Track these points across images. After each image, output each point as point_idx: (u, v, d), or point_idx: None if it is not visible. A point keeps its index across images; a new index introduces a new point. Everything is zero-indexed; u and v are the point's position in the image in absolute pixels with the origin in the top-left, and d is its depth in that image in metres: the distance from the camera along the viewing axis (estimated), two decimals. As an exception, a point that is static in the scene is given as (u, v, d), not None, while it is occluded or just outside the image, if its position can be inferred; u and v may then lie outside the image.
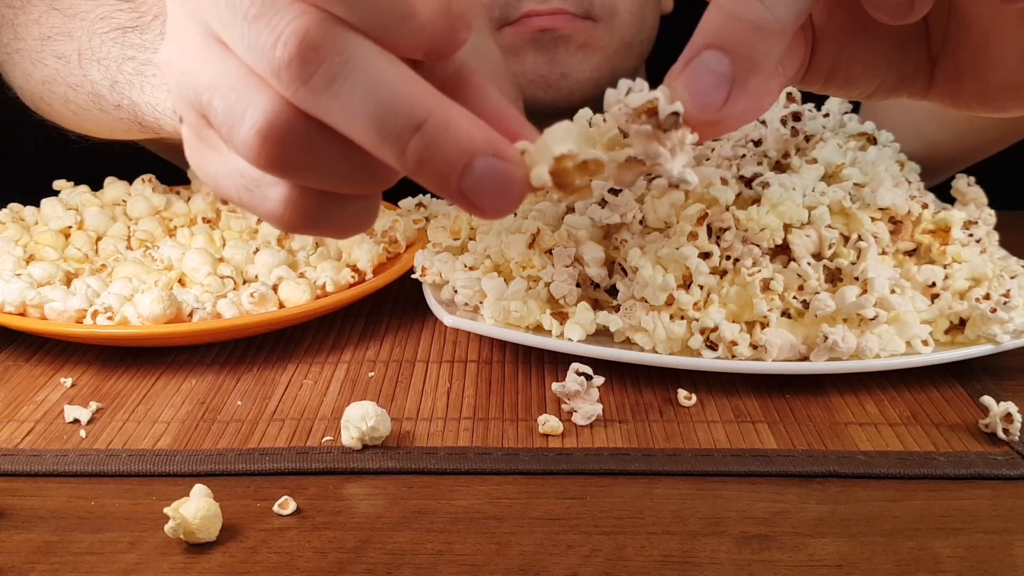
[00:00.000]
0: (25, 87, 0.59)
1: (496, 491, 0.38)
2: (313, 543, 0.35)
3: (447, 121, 0.25)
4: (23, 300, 0.48)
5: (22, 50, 0.57)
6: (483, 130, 0.25)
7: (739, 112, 0.27)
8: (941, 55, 0.32)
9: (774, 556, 0.34)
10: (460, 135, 0.25)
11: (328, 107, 0.25)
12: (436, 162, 0.25)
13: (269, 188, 0.28)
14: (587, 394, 0.42)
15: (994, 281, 0.46)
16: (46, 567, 0.33)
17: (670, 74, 0.27)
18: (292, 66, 0.25)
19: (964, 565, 0.33)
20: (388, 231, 0.56)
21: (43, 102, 0.58)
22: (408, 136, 0.24)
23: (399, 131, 0.24)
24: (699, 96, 0.26)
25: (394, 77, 0.25)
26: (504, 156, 0.25)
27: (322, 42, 0.24)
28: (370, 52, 0.25)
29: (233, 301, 0.49)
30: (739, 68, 0.26)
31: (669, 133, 0.26)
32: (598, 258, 0.46)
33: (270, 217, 0.29)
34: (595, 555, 0.34)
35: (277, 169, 0.27)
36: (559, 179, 0.25)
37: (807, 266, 0.45)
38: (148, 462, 0.39)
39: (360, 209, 0.29)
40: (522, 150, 0.26)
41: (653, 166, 0.26)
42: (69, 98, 0.55)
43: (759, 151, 0.48)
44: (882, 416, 0.43)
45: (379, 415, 0.40)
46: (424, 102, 0.25)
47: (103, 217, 0.57)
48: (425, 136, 0.24)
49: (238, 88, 0.26)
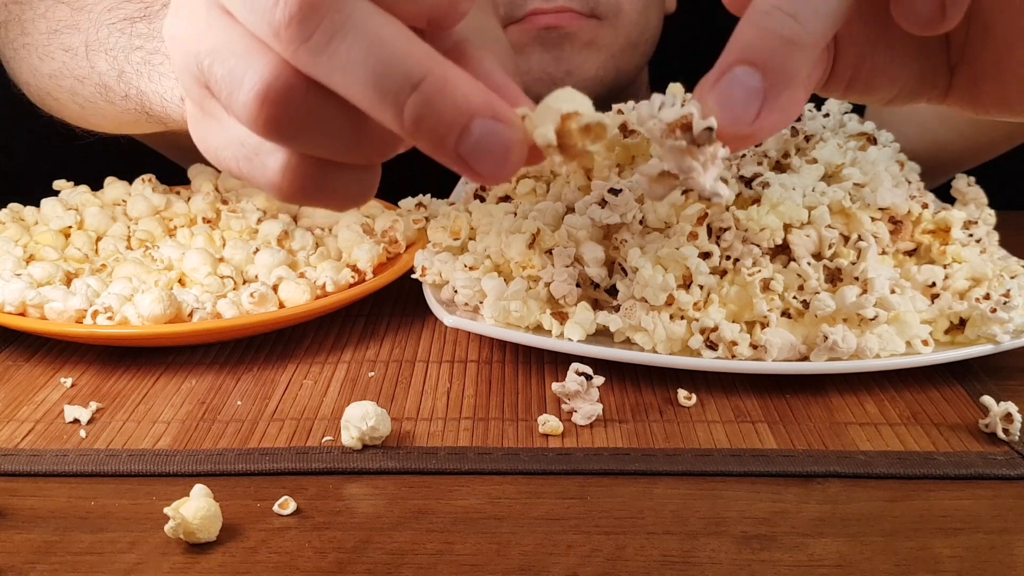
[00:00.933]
0: (32, 82, 0.59)
1: (496, 491, 0.38)
2: (313, 543, 0.35)
3: (445, 80, 0.24)
4: (23, 300, 0.48)
5: (29, 45, 0.57)
6: (482, 92, 0.25)
7: (770, 125, 0.27)
8: (960, 61, 0.32)
9: (774, 556, 0.34)
10: (458, 96, 0.24)
11: (327, 66, 0.25)
12: (433, 123, 0.24)
13: (268, 156, 0.28)
14: (587, 394, 0.42)
15: (994, 281, 0.46)
16: (46, 567, 0.33)
17: (700, 87, 0.27)
18: (292, 24, 0.25)
19: (964, 565, 0.33)
20: (388, 231, 0.56)
21: (50, 96, 0.58)
22: (406, 95, 0.24)
23: (397, 90, 0.24)
24: (731, 111, 0.26)
25: (393, 36, 0.25)
26: (503, 119, 0.25)
27: (322, 1, 0.25)
28: (370, 11, 0.25)
29: (233, 301, 0.49)
30: (771, 82, 0.26)
31: (702, 148, 0.26)
32: (598, 258, 0.46)
33: (269, 186, 0.29)
34: (595, 555, 0.34)
35: (276, 133, 0.27)
36: (563, 141, 0.25)
37: (807, 266, 0.45)
38: (148, 462, 0.39)
39: (358, 179, 0.29)
40: (522, 115, 0.25)
41: (686, 180, 0.26)
42: (76, 91, 0.55)
43: (759, 151, 0.48)
44: (882, 416, 0.43)
45: (379, 415, 0.40)
46: (423, 61, 0.25)
47: (103, 217, 0.57)
48: (423, 95, 0.24)
49: (238, 52, 0.27)
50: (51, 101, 0.59)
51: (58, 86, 0.56)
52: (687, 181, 0.26)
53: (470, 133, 0.25)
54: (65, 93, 0.56)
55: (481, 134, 0.25)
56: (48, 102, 0.59)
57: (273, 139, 0.27)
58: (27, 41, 0.58)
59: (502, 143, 0.25)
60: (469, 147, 0.25)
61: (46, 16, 0.56)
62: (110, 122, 0.56)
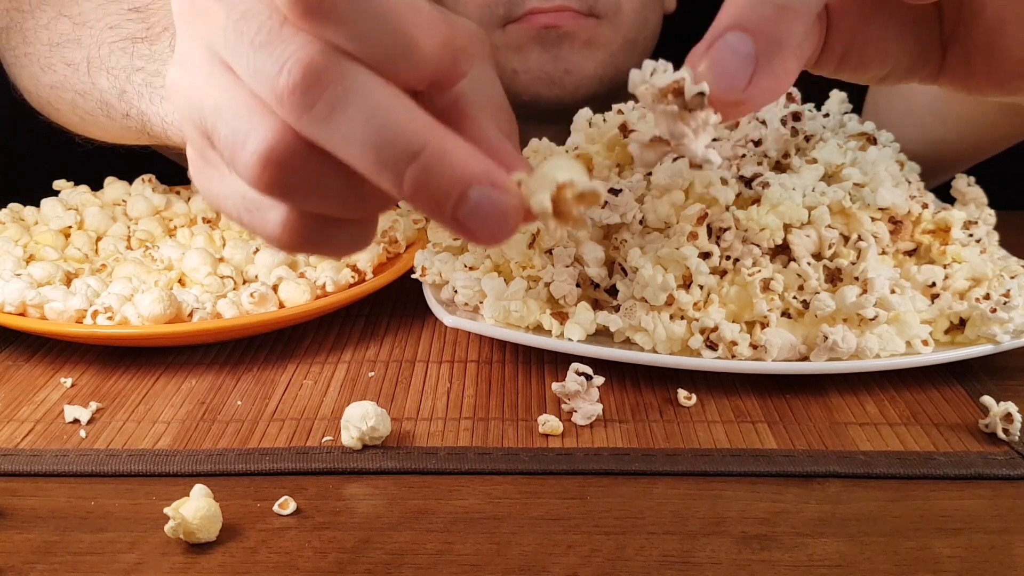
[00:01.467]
0: (33, 91, 0.59)
1: (496, 491, 0.38)
2: (313, 543, 0.35)
3: (444, 151, 0.25)
4: (23, 300, 0.48)
5: (31, 54, 0.57)
6: (479, 160, 0.25)
7: (762, 92, 0.27)
8: (953, 38, 0.33)
9: (774, 556, 0.34)
10: (456, 165, 0.25)
11: (329, 134, 0.25)
12: (432, 190, 0.25)
13: (269, 211, 0.29)
14: (587, 394, 0.42)
15: (994, 281, 0.46)
16: (46, 567, 0.33)
17: (692, 55, 0.27)
18: (295, 93, 0.25)
19: (964, 565, 0.33)
20: (388, 231, 0.56)
21: (51, 106, 0.59)
22: (405, 164, 0.25)
23: (397, 159, 0.25)
24: (723, 77, 0.27)
25: (393, 107, 0.25)
26: (500, 186, 0.25)
27: (325, 71, 0.25)
28: (371, 82, 0.25)
29: (233, 301, 0.49)
30: (763, 49, 0.27)
31: (694, 113, 0.26)
32: (598, 258, 0.46)
33: (269, 238, 0.29)
34: (595, 555, 0.34)
35: (277, 192, 0.27)
36: (557, 208, 0.26)
37: (807, 266, 0.45)
38: (148, 462, 0.39)
39: (357, 232, 0.30)
40: (518, 181, 0.26)
41: (677, 146, 0.27)
42: (77, 104, 0.55)
43: (759, 151, 0.48)
44: (882, 416, 0.43)
45: (379, 415, 0.40)
46: (421, 132, 0.25)
47: (103, 217, 0.57)
48: (421, 164, 0.25)
49: (242, 113, 0.27)
50: (52, 111, 0.59)
51: (59, 97, 0.56)
52: (678, 147, 0.27)
53: (467, 200, 0.25)
54: (66, 104, 0.56)
55: (478, 201, 0.25)
56: (50, 111, 0.60)
57: (274, 197, 0.28)
58: (29, 51, 0.58)
59: (498, 209, 0.25)
60: (466, 213, 0.25)
61: (48, 28, 0.56)
62: (111, 136, 0.57)
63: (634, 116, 0.51)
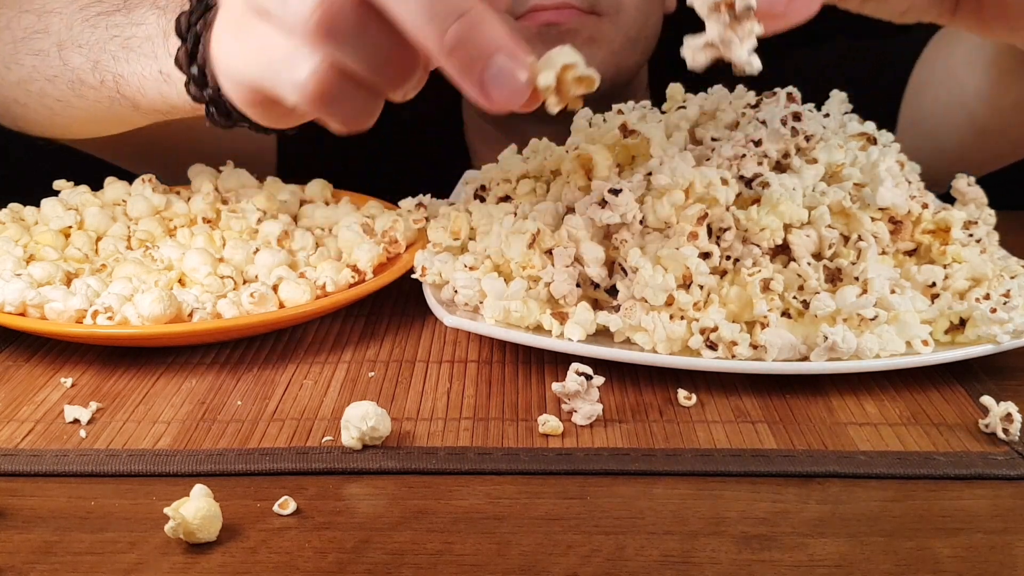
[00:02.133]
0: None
1: (496, 491, 0.38)
2: (313, 543, 0.35)
3: (484, 17, 0.30)
4: (23, 300, 0.48)
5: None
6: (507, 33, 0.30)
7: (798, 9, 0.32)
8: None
9: (774, 556, 0.34)
10: (491, 31, 0.30)
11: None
12: (468, 49, 0.30)
13: (302, 61, 0.32)
14: (587, 394, 0.42)
15: (994, 281, 0.46)
16: (46, 567, 0.33)
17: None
18: None
19: (964, 565, 0.33)
20: (388, 231, 0.56)
21: (16, 104, 0.60)
22: (451, 21, 0.30)
23: (445, 15, 0.30)
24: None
25: None
26: (518, 59, 0.30)
27: None
28: None
29: (233, 301, 0.49)
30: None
31: (742, 24, 0.32)
32: (598, 258, 0.46)
33: (294, 87, 0.33)
34: (595, 555, 0.34)
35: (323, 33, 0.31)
36: (559, 86, 0.32)
37: (807, 266, 0.45)
38: (148, 462, 0.39)
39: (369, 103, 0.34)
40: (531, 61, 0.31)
41: (726, 51, 0.32)
42: (46, 92, 0.56)
43: (759, 151, 0.48)
44: (882, 416, 0.43)
45: (379, 415, 0.40)
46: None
47: (103, 217, 0.57)
48: (465, 23, 0.30)
49: None
50: (17, 108, 0.60)
51: (26, 91, 0.58)
52: (726, 52, 0.32)
53: (493, 64, 0.30)
54: (33, 97, 0.58)
55: (501, 67, 0.30)
56: (13, 109, 0.61)
57: (317, 41, 0.32)
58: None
59: (516, 79, 0.30)
60: (491, 75, 0.30)
61: (10, 27, 0.57)
62: (80, 118, 0.58)
63: (634, 116, 0.51)
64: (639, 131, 0.49)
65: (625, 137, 0.49)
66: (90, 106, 0.55)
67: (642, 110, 0.53)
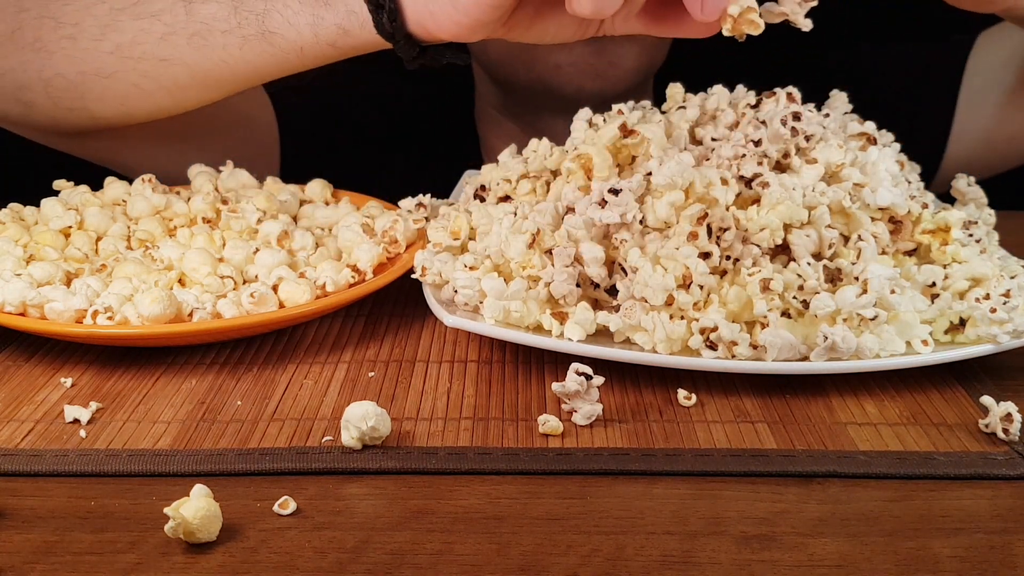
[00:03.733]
0: (69, 73, 0.59)
1: (496, 491, 0.38)
2: (313, 543, 0.35)
3: None
4: (23, 300, 0.48)
5: (75, 35, 0.58)
6: None
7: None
8: None
9: (774, 556, 0.34)
10: None
11: None
12: None
13: None
14: (587, 394, 0.42)
15: (994, 281, 0.46)
16: (46, 567, 0.33)
17: None
18: None
19: (964, 565, 0.33)
20: (388, 231, 0.56)
21: (98, 77, 0.59)
22: None
23: None
24: None
25: None
26: None
27: None
28: None
29: (233, 301, 0.49)
30: None
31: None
32: (598, 258, 0.46)
33: None
34: (595, 555, 0.34)
35: None
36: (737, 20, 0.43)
37: (807, 266, 0.45)
38: (148, 462, 0.39)
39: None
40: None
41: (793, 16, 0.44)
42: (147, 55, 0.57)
43: (759, 151, 0.48)
44: (882, 416, 0.43)
45: (379, 415, 0.40)
46: None
47: (103, 217, 0.57)
48: None
49: None
50: (97, 84, 0.59)
51: (121, 58, 0.58)
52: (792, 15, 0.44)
53: None
54: (128, 63, 0.58)
55: None
56: (92, 84, 0.60)
57: None
58: (71, 32, 0.58)
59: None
60: None
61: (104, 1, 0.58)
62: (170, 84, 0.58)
63: (634, 117, 0.51)
64: (639, 131, 0.49)
65: (625, 137, 0.49)
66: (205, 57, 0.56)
67: (642, 110, 0.53)
